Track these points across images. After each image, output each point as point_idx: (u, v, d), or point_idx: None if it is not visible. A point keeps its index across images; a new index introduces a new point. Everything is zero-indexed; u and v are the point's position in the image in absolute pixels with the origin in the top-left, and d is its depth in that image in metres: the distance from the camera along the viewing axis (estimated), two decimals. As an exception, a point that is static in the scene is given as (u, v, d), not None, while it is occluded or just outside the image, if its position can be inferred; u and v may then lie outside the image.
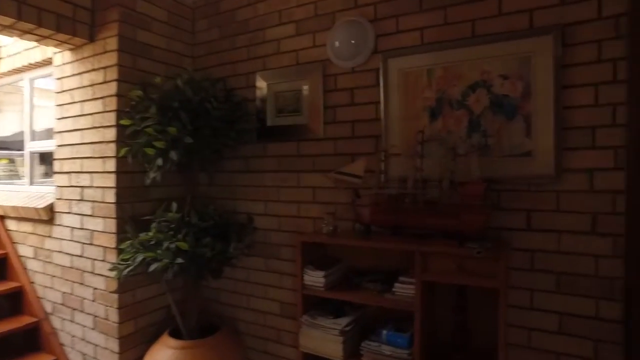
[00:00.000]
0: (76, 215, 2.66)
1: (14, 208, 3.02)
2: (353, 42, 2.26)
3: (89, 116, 2.57)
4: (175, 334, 2.48)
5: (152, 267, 2.14)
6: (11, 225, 3.18)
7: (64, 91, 2.72)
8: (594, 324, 1.80)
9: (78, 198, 2.65)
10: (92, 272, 2.59)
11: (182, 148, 2.23)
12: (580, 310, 1.82)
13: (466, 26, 2.01)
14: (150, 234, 2.26)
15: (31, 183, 3.29)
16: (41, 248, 2.94)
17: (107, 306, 2.51)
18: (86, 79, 2.59)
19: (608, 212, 1.75)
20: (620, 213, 1.74)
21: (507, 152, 1.91)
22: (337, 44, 2.32)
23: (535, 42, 1.83)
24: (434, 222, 1.89)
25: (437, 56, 2.06)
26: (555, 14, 1.82)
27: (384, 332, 1.97)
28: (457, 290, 1.96)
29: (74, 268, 2.70)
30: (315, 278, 2.10)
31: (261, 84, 2.64)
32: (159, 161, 2.23)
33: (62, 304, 2.82)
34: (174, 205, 2.39)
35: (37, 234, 2.96)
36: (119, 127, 2.44)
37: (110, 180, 2.48)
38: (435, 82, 2.07)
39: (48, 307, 2.93)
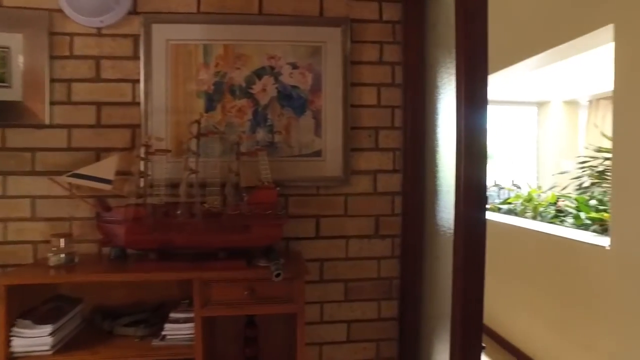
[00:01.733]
0: None
1: None
2: (99, -9, 1.61)
3: None
4: None
5: None
6: None
7: None
8: (376, 325, 1.78)
9: None
10: None
11: None
12: (365, 315, 1.77)
13: (252, 1, 1.69)
14: None
15: None
16: None
17: None
18: None
19: (388, 214, 1.76)
20: (398, 214, 1.77)
21: (297, 151, 1.69)
22: (73, -10, 1.61)
23: (325, 33, 1.68)
24: (217, 239, 1.48)
25: (217, 30, 1.66)
26: (345, 7, 1.72)
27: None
28: (246, 318, 1.63)
29: None
30: (35, 338, 1.35)
31: None
32: None
33: None
34: None
35: None
36: None
37: None
38: (213, 63, 1.67)
39: None
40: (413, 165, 1.69)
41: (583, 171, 3.23)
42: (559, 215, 3.45)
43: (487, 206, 4.52)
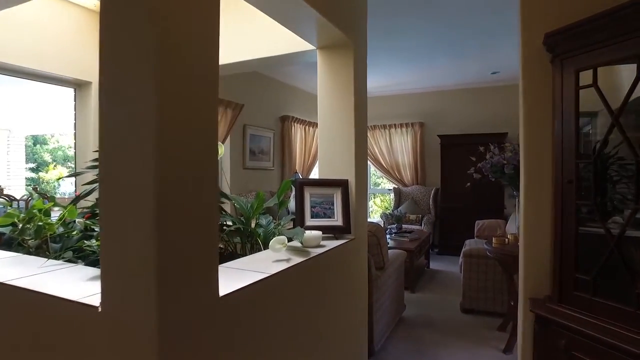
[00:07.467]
0: None
1: None
2: None
3: None
4: None
5: None
6: None
7: None
8: None
9: None
10: None
11: None
12: None
13: None
14: None
15: None
16: None
17: None
18: None
19: None
20: None
21: None
22: None
23: None
24: None
25: None
26: None
27: None
28: None
29: None
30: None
31: None
32: None
33: None
34: None
35: None
36: None
37: None
38: None
39: None
40: None
41: (94, 175, 2.30)
42: (90, 237, 2.37)
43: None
